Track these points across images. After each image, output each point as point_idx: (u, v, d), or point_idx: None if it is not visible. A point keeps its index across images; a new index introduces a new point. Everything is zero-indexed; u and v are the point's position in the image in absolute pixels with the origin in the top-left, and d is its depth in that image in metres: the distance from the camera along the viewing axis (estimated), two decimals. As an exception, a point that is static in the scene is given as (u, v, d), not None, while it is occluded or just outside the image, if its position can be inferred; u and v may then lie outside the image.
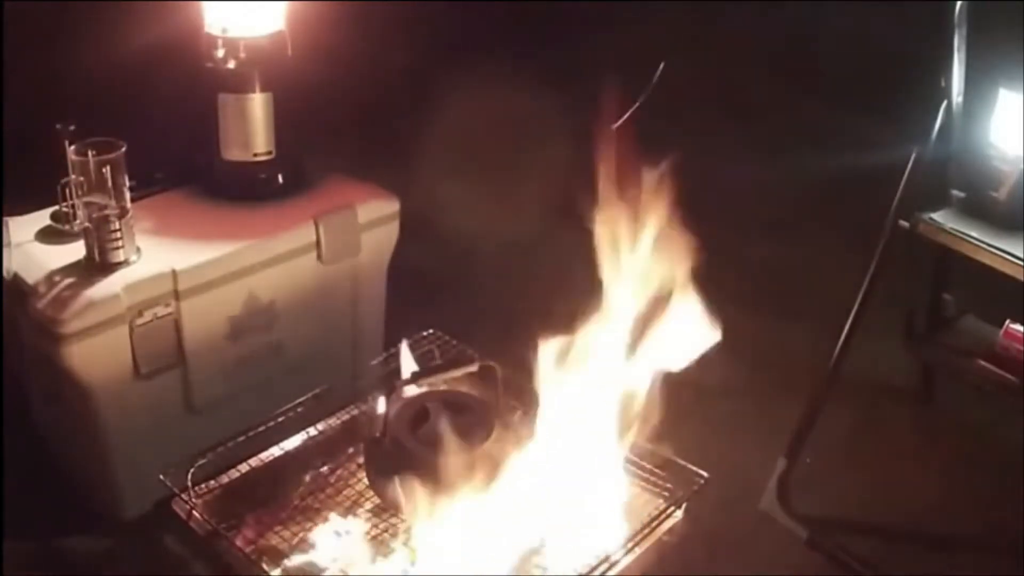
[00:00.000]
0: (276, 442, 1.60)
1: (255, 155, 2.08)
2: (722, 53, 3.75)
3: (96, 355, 1.81)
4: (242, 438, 1.56)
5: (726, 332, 1.49)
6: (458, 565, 1.39)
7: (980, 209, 1.92)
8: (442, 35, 3.45)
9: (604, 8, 3.76)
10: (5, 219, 1.94)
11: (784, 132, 3.49)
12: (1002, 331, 2.01)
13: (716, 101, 3.68)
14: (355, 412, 1.67)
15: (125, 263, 1.86)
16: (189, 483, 1.48)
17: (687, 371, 1.48)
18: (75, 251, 1.88)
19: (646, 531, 1.44)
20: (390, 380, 1.54)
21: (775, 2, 3.65)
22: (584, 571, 1.38)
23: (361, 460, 1.57)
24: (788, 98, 3.68)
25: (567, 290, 1.66)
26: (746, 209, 3.04)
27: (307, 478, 1.60)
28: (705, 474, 1.51)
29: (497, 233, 2.73)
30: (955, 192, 1.96)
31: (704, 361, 1.47)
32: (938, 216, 1.93)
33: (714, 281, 1.49)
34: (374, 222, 2.15)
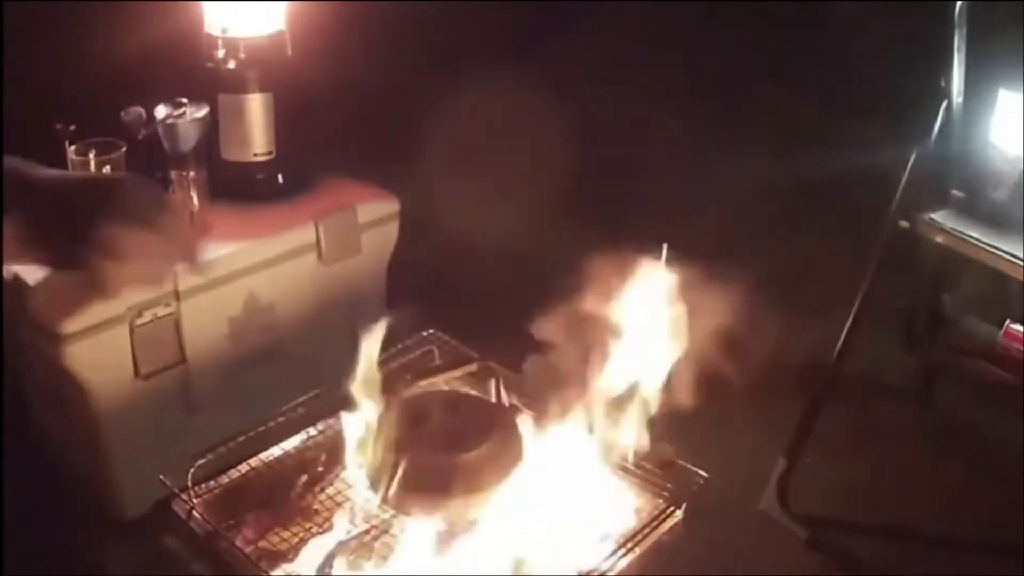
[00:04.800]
0: (276, 442, 1.60)
1: (255, 155, 2.08)
2: (721, 53, 3.75)
3: (96, 355, 1.81)
4: (242, 438, 1.56)
5: (726, 332, 1.49)
6: (457, 566, 1.38)
7: (980, 209, 1.92)
8: (442, 35, 3.45)
9: (606, 9, 3.76)
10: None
11: (783, 132, 3.49)
12: (1002, 331, 2.01)
13: (716, 102, 3.67)
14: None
15: (125, 263, 1.85)
16: (189, 483, 1.47)
17: (687, 371, 1.48)
18: (75, 251, 1.88)
19: (646, 531, 1.44)
20: (389, 380, 1.54)
21: (775, 1, 3.65)
22: (584, 571, 1.38)
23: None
24: (788, 98, 3.68)
25: (566, 289, 1.66)
26: (746, 209, 3.04)
27: (306, 478, 1.59)
28: (705, 474, 1.51)
29: (497, 233, 2.72)
30: (955, 192, 1.96)
31: (704, 361, 1.47)
32: (938, 216, 1.93)
33: (714, 281, 1.49)
34: (374, 222, 2.15)
